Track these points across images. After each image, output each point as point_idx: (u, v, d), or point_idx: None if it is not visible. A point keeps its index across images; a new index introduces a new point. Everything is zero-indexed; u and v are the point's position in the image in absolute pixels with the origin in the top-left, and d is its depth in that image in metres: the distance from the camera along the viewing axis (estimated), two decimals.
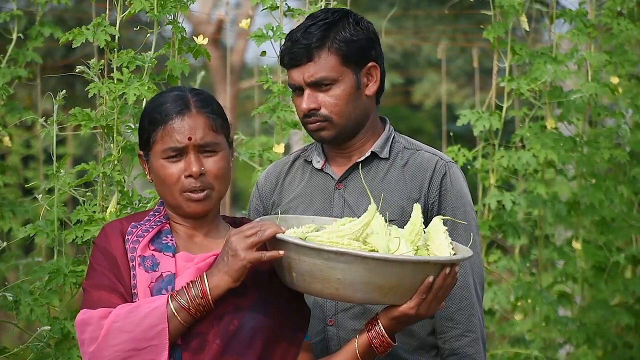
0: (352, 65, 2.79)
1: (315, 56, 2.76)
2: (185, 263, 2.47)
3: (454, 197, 2.82)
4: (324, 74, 2.75)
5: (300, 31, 2.79)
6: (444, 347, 2.83)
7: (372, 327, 2.46)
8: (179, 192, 2.48)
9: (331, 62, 2.77)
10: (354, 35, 2.79)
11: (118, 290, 2.43)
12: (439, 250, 2.45)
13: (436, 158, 2.86)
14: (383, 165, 2.86)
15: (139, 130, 2.56)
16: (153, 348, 2.36)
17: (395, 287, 2.36)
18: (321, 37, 2.76)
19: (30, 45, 4.32)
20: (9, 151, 6.00)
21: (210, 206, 2.50)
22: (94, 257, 2.49)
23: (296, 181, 2.91)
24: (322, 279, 2.36)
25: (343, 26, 2.79)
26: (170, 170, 2.48)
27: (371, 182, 2.83)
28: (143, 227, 2.50)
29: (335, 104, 2.78)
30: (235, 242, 2.37)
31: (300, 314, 2.54)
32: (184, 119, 2.48)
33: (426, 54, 13.99)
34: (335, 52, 2.77)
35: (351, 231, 2.40)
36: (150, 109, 2.53)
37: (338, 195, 2.85)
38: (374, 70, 2.83)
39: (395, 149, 2.89)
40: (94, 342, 2.36)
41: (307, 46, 2.76)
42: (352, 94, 2.80)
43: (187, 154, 2.47)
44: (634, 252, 5.16)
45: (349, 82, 2.79)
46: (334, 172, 2.88)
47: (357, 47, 2.79)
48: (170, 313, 2.37)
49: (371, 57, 2.82)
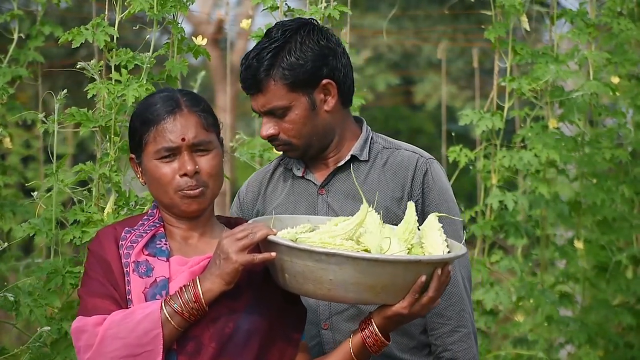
0: (302, 88, 2.77)
1: (263, 87, 2.76)
2: (179, 267, 2.47)
3: (436, 193, 2.82)
4: (274, 103, 2.74)
5: (251, 57, 2.77)
6: (436, 344, 2.83)
7: (366, 326, 2.45)
8: (174, 191, 2.48)
9: (279, 92, 2.76)
10: (300, 59, 2.75)
11: (113, 296, 2.42)
12: (433, 248, 2.44)
13: (416, 156, 2.86)
14: (364, 168, 2.86)
15: (130, 132, 2.55)
16: (148, 354, 2.36)
17: (388, 287, 2.35)
18: (267, 66, 2.75)
19: (31, 45, 4.31)
20: (8, 151, 5.98)
21: (205, 204, 2.50)
22: (88, 264, 2.49)
23: (278, 189, 2.91)
24: (314, 280, 2.36)
25: (290, 50, 2.76)
26: (164, 170, 2.47)
27: (353, 185, 2.83)
28: (137, 232, 2.50)
29: (292, 128, 2.78)
30: (226, 245, 2.37)
31: (296, 314, 2.53)
32: (175, 118, 2.48)
33: (426, 54, 13.99)
34: (281, 81, 2.75)
35: (344, 231, 2.40)
36: (141, 110, 2.53)
37: (321, 200, 2.85)
38: (329, 87, 2.80)
39: (375, 149, 2.89)
40: (89, 349, 2.37)
41: (254, 77, 2.76)
42: (307, 115, 2.78)
43: (180, 154, 2.47)
44: (636, 252, 5.16)
45: (302, 106, 2.77)
46: (316, 178, 2.88)
47: (304, 71, 2.76)
48: (164, 318, 2.36)
49: (322, 75, 2.79)
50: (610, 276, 5.00)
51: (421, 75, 14.33)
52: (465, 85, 13.72)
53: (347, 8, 4.01)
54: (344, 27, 4.39)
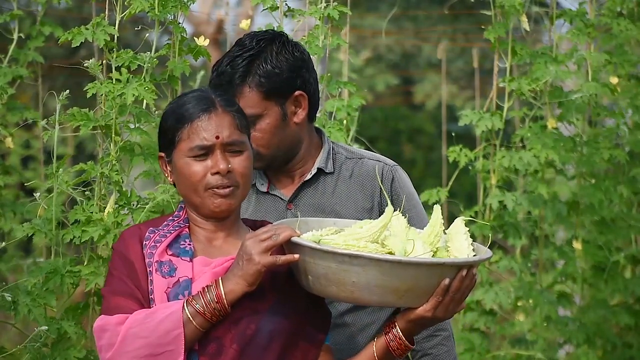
0: (276, 98, 2.78)
1: (237, 93, 2.76)
2: (202, 267, 2.46)
3: (405, 200, 2.83)
4: (247, 110, 2.71)
5: (225, 63, 2.77)
6: (415, 349, 2.85)
7: (390, 330, 2.45)
8: (204, 189, 2.47)
9: (253, 99, 2.76)
10: (277, 68, 2.77)
11: (135, 296, 2.43)
12: (459, 252, 2.44)
13: (381, 164, 2.89)
14: (330, 180, 2.87)
15: (161, 130, 2.55)
16: (169, 353, 2.36)
17: (411, 290, 2.35)
18: (243, 73, 2.75)
19: (31, 45, 4.32)
20: (9, 151, 5.99)
21: (234, 204, 2.50)
22: (112, 263, 2.49)
23: (244, 206, 2.88)
24: (337, 282, 2.35)
25: (265, 59, 2.77)
26: (196, 168, 2.47)
27: (321, 197, 2.85)
28: (161, 232, 2.50)
29: (262, 137, 2.78)
30: (249, 246, 2.37)
31: (320, 316, 2.53)
32: (210, 117, 2.48)
33: (426, 54, 13.98)
34: (257, 88, 2.76)
35: (368, 233, 2.40)
36: (174, 108, 2.53)
37: (290, 215, 2.85)
38: (301, 99, 2.81)
39: (338, 160, 2.90)
40: (111, 348, 2.37)
41: (229, 83, 2.76)
42: (278, 125, 2.79)
43: (213, 152, 2.47)
44: (634, 252, 5.16)
45: (274, 115, 2.78)
46: (282, 193, 2.88)
47: (280, 80, 2.77)
48: (186, 318, 2.36)
49: (296, 86, 2.80)
50: (609, 276, 5.00)
51: (421, 75, 14.32)
52: (465, 85, 13.71)
53: (347, 8, 4.01)
54: (344, 27, 4.40)
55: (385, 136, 12.96)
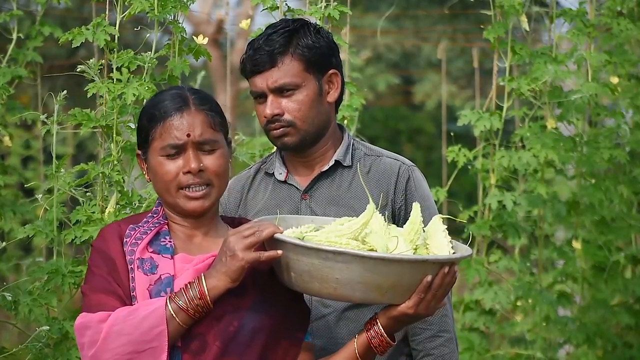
0: (315, 71, 2.82)
1: (278, 62, 2.79)
2: (183, 265, 2.46)
3: (419, 200, 2.83)
4: (288, 79, 2.77)
5: (262, 39, 2.81)
6: (418, 349, 2.86)
7: (371, 327, 2.45)
8: (176, 189, 2.48)
9: (294, 68, 2.79)
10: (316, 42, 2.81)
11: (117, 293, 2.42)
12: (438, 249, 2.45)
13: (398, 163, 2.90)
14: (347, 174, 2.89)
15: (138, 128, 2.55)
16: (152, 350, 2.35)
17: (394, 287, 2.36)
18: (284, 43, 2.79)
19: (30, 45, 4.32)
20: (8, 151, 5.99)
21: (209, 204, 2.50)
22: (92, 261, 2.48)
23: (259, 194, 2.91)
24: (320, 279, 2.35)
25: (304, 33, 2.82)
26: (168, 167, 2.48)
27: (337, 190, 2.86)
28: (141, 229, 2.50)
29: (299, 109, 2.80)
30: (233, 242, 2.37)
31: (301, 313, 2.53)
32: (182, 115, 2.48)
33: (426, 54, 13.99)
34: (298, 58, 2.80)
35: (350, 230, 2.40)
36: (149, 106, 2.54)
37: (305, 206, 2.87)
38: (335, 78, 2.86)
39: (357, 156, 2.92)
40: (94, 345, 2.36)
41: (270, 52, 2.78)
42: (315, 99, 2.82)
43: (185, 151, 2.47)
44: (634, 252, 5.16)
45: (312, 88, 2.81)
46: (299, 182, 2.89)
47: (319, 54, 2.82)
48: (169, 315, 2.36)
49: (332, 64, 2.86)
50: (609, 276, 5.00)
51: (421, 75, 14.32)
52: (465, 85, 13.72)
53: (347, 8, 4.01)
54: (344, 27, 4.39)
55: (386, 136, 12.97)
